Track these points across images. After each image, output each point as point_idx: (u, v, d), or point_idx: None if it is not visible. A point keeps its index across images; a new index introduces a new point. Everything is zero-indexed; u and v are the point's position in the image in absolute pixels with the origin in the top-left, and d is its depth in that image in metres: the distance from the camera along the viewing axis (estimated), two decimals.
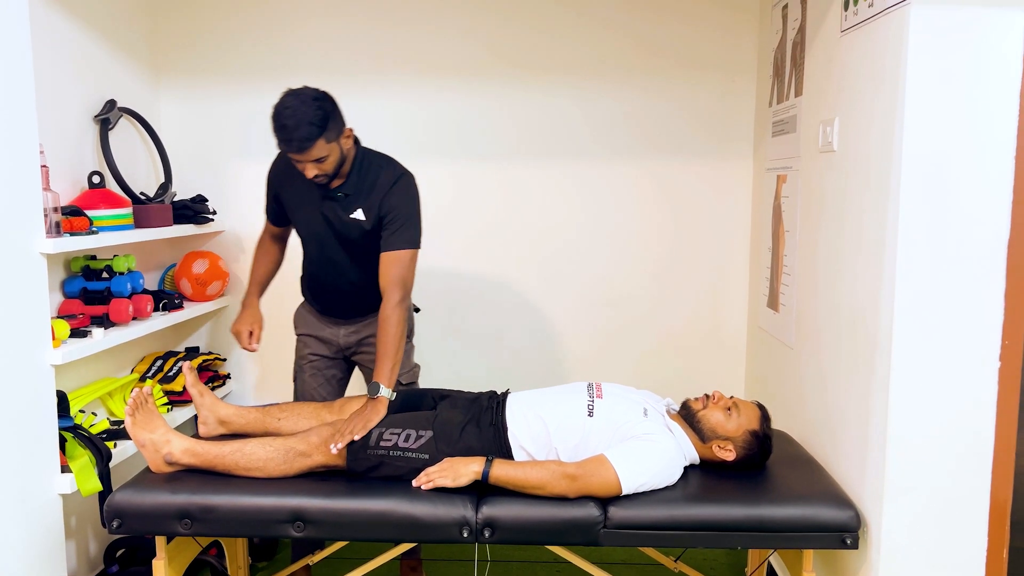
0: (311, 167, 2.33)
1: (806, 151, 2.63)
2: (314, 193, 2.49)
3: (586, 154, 3.34)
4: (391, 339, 2.36)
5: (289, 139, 2.26)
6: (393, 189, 2.46)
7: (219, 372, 3.35)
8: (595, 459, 2.13)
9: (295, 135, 2.24)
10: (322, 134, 2.27)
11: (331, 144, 2.32)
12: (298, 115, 2.24)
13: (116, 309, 2.63)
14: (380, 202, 2.45)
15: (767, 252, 3.06)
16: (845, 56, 2.31)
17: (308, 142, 2.26)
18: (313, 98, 2.28)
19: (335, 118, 2.32)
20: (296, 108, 2.25)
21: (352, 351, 2.73)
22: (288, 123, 2.24)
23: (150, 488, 2.17)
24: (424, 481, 2.14)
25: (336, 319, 2.69)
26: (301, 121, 2.24)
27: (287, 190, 2.57)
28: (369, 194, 2.47)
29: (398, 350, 2.38)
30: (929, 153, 1.94)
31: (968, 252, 1.96)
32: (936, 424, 2.02)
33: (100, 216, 2.61)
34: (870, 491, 2.12)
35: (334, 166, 2.38)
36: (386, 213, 2.45)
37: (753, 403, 2.33)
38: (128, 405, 2.29)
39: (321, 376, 2.73)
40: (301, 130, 2.24)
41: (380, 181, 2.47)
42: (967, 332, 1.98)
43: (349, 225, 2.49)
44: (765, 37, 3.14)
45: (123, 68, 3.03)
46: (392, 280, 2.43)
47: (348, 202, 2.47)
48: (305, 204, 2.53)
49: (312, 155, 2.29)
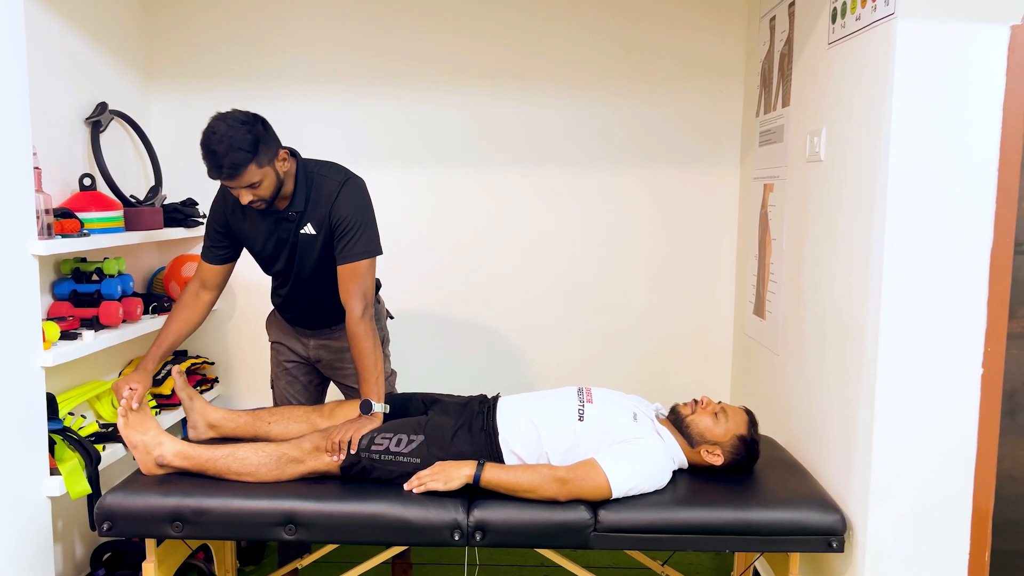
0: (245, 193, 2.26)
1: (793, 161, 2.67)
2: (267, 219, 2.41)
3: (574, 162, 3.36)
4: (367, 354, 2.33)
5: (219, 166, 2.19)
6: (339, 198, 2.38)
7: (207, 376, 3.34)
8: (585, 463, 2.15)
9: (224, 161, 2.18)
10: (253, 159, 2.20)
11: (264, 168, 2.24)
12: (227, 140, 2.17)
13: (106, 312, 2.62)
14: (328, 213, 2.38)
15: (753, 260, 3.10)
16: (832, 68, 2.35)
17: (239, 168, 2.19)
18: (242, 122, 2.21)
19: (267, 141, 2.25)
20: (224, 133, 2.18)
21: (323, 364, 2.68)
22: (217, 149, 2.17)
23: (141, 490, 2.16)
24: (416, 485, 2.15)
25: (305, 331, 2.66)
26: (231, 147, 2.17)
27: (239, 219, 2.46)
28: (316, 206, 2.39)
29: (377, 362, 2.34)
30: (914, 164, 1.98)
31: (952, 261, 2.00)
32: (920, 429, 2.05)
33: (91, 218, 2.60)
34: (855, 495, 2.15)
35: (270, 191, 2.30)
36: (337, 224, 2.37)
37: (741, 408, 2.36)
38: (121, 406, 2.29)
39: (298, 383, 2.72)
40: (231, 156, 2.17)
41: (324, 191, 2.39)
42: (951, 339, 2.02)
43: (304, 242, 2.42)
44: (753, 48, 3.18)
45: (115, 71, 3.03)
46: (351, 293, 2.36)
47: (299, 220, 2.40)
48: (259, 230, 2.44)
49: (244, 180, 2.22)
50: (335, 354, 2.65)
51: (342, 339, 2.59)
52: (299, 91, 3.30)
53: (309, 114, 3.31)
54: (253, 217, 2.43)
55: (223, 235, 2.50)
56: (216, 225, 2.49)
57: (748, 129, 3.23)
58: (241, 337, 3.45)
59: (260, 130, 2.24)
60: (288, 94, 3.30)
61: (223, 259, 2.54)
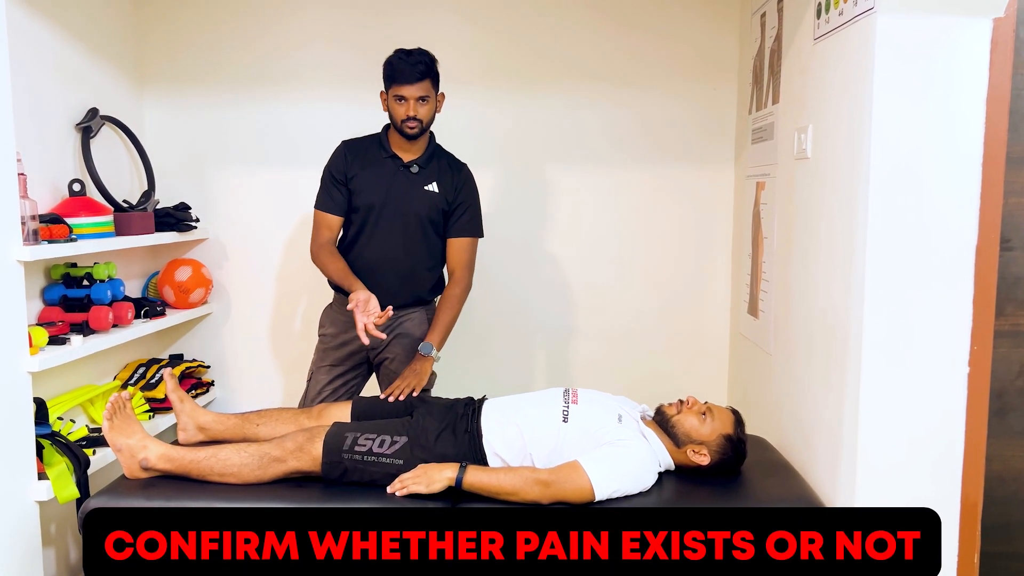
0: (412, 104, 2.57)
1: (783, 158, 2.65)
2: (387, 169, 2.70)
3: (564, 162, 3.35)
4: (451, 316, 2.72)
5: (411, 64, 2.54)
6: (464, 176, 2.76)
7: (202, 379, 3.36)
8: (568, 465, 2.15)
9: (417, 60, 2.56)
10: (431, 75, 2.58)
11: (433, 91, 2.61)
12: (415, 55, 2.58)
13: (96, 316, 2.64)
14: (454, 183, 2.72)
15: (747, 259, 3.08)
16: (818, 64, 2.34)
17: (426, 69, 2.56)
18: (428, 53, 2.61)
19: (438, 76, 2.64)
20: (412, 51, 2.59)
21: (377, 352, 2.79)
22: (404, 56, 2.57)
23: (126, 494, 2.18)
24: (398, 487, 2.15)
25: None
26: (418, 59, 2.56)
27: (359, 172, 2.71)
28: (440, 171, 2.73)
29: (451, 325, 2.73)
30: (897, 160, 1.97)
31: (936, 258, 1.98)
32: (906, 429, 2.04)
33: (80, 224, 2.62)
34: (842, 496, 2.13)
35: (428, 116, 2.63)
36: (460, 199, 2.73)
37: (727, 408, 2.35)
38: (106, 410, 2.31)
39: (339, 381, 2.81)
40: (416, 65, 2.55)
41: (450, 162, 2.77)
42: (936, 337, 2.01)
43: (421, 197, 2.69)
44: (746, 45, 3.17)
45: (106, 76, 3.06)
46: (464, 264, 2.76)
47: (422, 175, 2.70)
48: (378, 179, 2.70)
49: (421, 89, 2.56)
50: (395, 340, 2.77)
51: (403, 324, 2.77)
52: (297, 94, 3.31)
53: (309, 117, 3.32)
54: (374, 170, 2.70)
55: (342, 188, 2.73)
56: (336, 180, 2.73)
57: (742, 127, 3.22)
58: (237, 340, 3.47)
59: (437, 63, 2.64)
60: (286, 97, 3.31)
61: (339, 210, 2.74)
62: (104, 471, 2.71)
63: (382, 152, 2.72)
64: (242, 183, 3.38)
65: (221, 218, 3.39)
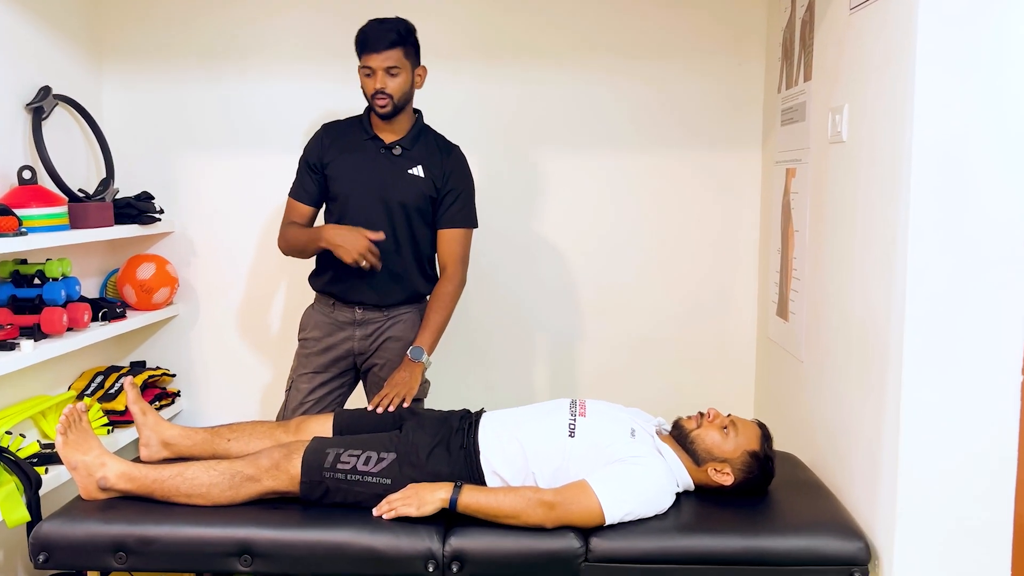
0: (380, 75, 2.59)
1: (815, 142, 2.66)
2: (368, 153, 2.73)
3: (571, 145, 3.36)
4: (442, 316, 2.74)
5: (382, 32, 2.59)
6: (455, 159, 2.78)
7: (167, 390, 3.38)
8: (575, 485, 2.15)
9: (388, 28, 2.59)
10: (403, 44, 2.60)
11: (406, 62, 2.63)
12: (388, 23, 2.62)
13: (48, 319, 2.65)
14: (443, 167, 2.74)
15: (776, 254, 3.09)
16: (854, 36, 2.34)
17: (394, 42, 2.58)
18: (404, 21, 2.65)
19: (416, 45, 2.67)
20: (386, 20, 2.63)
21: (365, 357, 2.81)
22: (375, 24, 2.61)
23: (81, 517, 2.19)
24: (386, 509, 2.16)
25: (352, 308, 2.77)
26: (389, 28, 2.60)
27: (337, 157, 2.75)
28: (428, 156, 2.74)
29: (442, 326, 2.75)
30: (943, 143, 1.97)
31: (986, 254, 1.99)
32: (953, 445, 2.04)
33: (31, 215, 2.63)
34: (881, 520, 2.14)
35: (400, 91, 2.63)
36: (450, 184, 2.74)
37: (753, 421, 2.36)
38: (60, 423, 2.32)
39: (323, 390, 2.82)
40: (387, 30, 2.59)
41: (438, 143, 2.78)
42: (986, 342, 2.01)
43: (405, 182, 2.71)
44: (775, 15, 3.17)
45: (59, 51, 3.07)
46: (456, 258, 2.77)
47: (405, 158, 2.73)
48: (357, 163, 2.73)
49: (389, 59, 2.58)
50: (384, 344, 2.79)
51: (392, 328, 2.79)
52: (273, 69, 3.33)
53: (286, 96, 3.34)
54: (353, 155, 2.74)
55: (318, 175, 2.78)
56: (311, 166, 2.78)
57: (770, 107, 3.22)
58: (206, 346, 3.48)
59: (415, 35, 2.67)
60: (261, 73, 3.33)
61: (318, 202, 2.82)
62: (58, 491, 2.73)
63: (363, 134, 2.75)
64: (212, 170, 3.39)
65: (188, 209, 3.40)
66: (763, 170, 3.34)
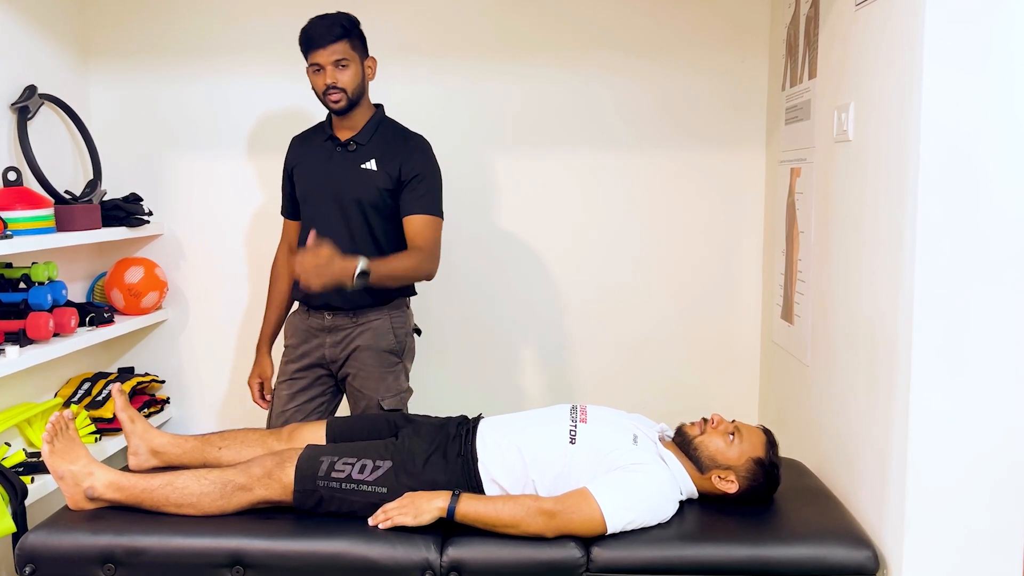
0: (329, 70, 2.60)
1: (821, 141, 2.66)
2: (324, 153, 2.74)
3: (568, 144, 3.36)
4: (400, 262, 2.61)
5: (326, 27, 2.60)
6: (414, 146, 2.74)
7: (156, 396, 3.37)
8: (576, 493, 2.15)
9: (323, 24, 2.61)
10: (348, 35, 2.62)
11: (354, 54, 2.64)
12: (329, 17, 2.64)
13: (34, 324, 2.65)
14: (401, 158, 2.69)
15: (780, 256, 3.09)
16: (860, 32, 2.34)
17: (335, 34, 2.59)
18: (346, 14, 2.67)
19: (362, 36, 2.69)
20: (327, 15, 2.65)
21: (339, 365, 2.79)
22: (317, 20, 2.63)
23: (68, 528, 2.19)
24: (382, 519, 2.16)
25: (322, 314, 2.76)
26: (332, 22, 2.62)
27: (300, 161, 2.80)
28: (384, 148, 2.71)
29: (395, 270, 2.60)
30: (951, 142, 1.97)
31: (996, 254, 1.98)
32: (963, 451, 2.04)
33: (16, 218, 2.62)
34: (889, 527, 2.14)
35: (353, 84, 2.64)
36: (411, 170, 2.68)
37: (758, 427, 2.36)
38: (46, 431, 2.31)
39: (302, 397, 2.82)
40: (331, 24, 2.61)
41: (395, 133, 2.76)
42: (996, 345, 2.00)
43: (358, 178, 2.68)
44: (779, 10, 3.17)
45: (45, 49, 3.06)
46: (422, 241, 2.65)
47: (359, 153, 2.71)
48: (314, 167, 2.76)
49: (335, 51, 2.59)
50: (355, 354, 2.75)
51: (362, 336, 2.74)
52: (265, 68, 3.32)
53: (278, 95, 3.33)
54: (313, 157, 2.77)
55: (292, 183, 2.83)
56: (286, 175, 2.85)
57: (773, 105, 3.22)
58: (196, 351, 3.47)
59: (359, 27, 2.69)
60: (252, 72, 3.33)
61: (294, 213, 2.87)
62: (44, 501, 2.72)
63: (323, 135, 2.78)
64: (201, 171, 3.39)
65: (177, 211, 3.40)
66: (767, 170, 3.34)
